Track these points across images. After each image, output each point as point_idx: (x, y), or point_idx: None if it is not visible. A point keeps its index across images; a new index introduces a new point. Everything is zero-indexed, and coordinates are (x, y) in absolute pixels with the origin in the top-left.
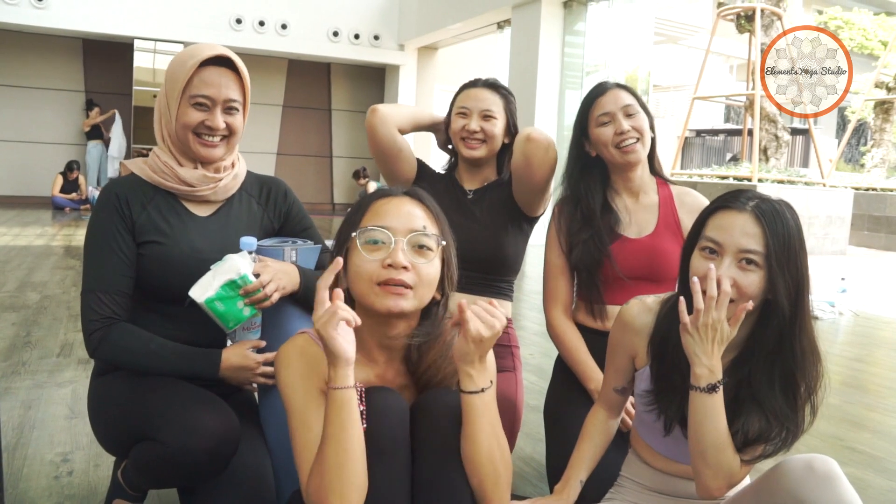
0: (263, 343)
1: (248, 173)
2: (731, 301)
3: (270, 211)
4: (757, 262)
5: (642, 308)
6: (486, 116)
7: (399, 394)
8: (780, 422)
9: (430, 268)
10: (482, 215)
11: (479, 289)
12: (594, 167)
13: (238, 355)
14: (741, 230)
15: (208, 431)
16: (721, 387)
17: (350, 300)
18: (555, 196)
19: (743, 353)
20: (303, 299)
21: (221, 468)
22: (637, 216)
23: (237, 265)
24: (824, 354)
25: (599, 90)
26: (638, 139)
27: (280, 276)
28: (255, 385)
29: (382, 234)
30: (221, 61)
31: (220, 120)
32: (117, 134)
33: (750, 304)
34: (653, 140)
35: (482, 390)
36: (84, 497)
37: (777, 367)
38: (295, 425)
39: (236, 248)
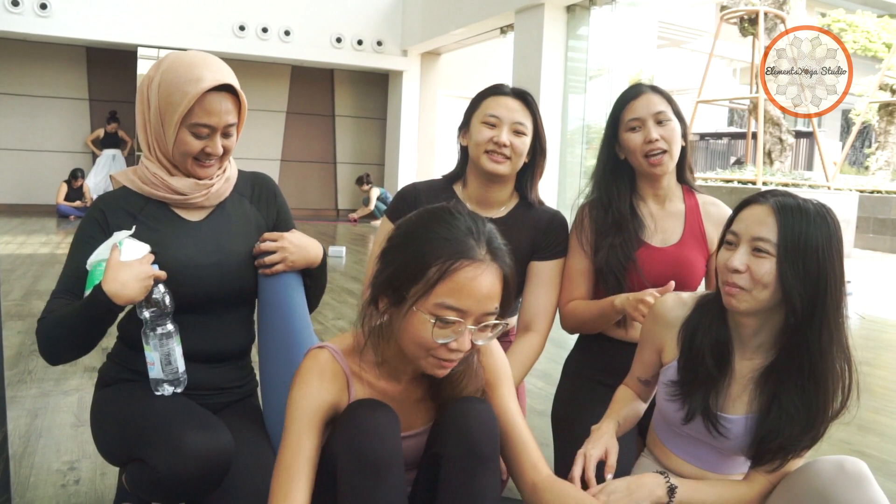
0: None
1: (239, 172)
2: (746, 290)
3: (263, 209)
4: (768, 251)
5: (677, 302)
6: (518, 131)
7: (388, 406)
8: (800, 425)
9: (488, 342)
10: None
11: None
12: (624, 170)
13: (119, 273)
14: (756, 219)
15: (195, 456)
16: (675, 484)
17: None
18: (574, 200)
19: (772, 358)
20: (311, 274)
21: (214, 487)
22: (662, 224)
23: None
24: (856, 361)
25: (633, 93)
26: (666, 150)
27: (292, 249)
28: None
29: (456, 319)
30: (221, 86)
31: (219, 146)
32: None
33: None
34: (683, 148)
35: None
36: None
37: (794, 368)
38: (284, 443)
39: (230, 251)
